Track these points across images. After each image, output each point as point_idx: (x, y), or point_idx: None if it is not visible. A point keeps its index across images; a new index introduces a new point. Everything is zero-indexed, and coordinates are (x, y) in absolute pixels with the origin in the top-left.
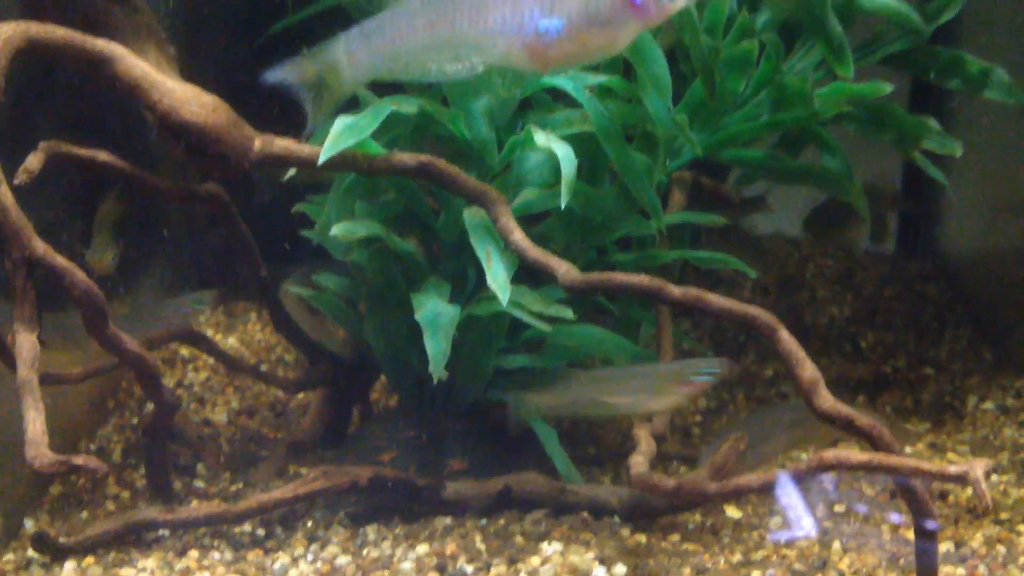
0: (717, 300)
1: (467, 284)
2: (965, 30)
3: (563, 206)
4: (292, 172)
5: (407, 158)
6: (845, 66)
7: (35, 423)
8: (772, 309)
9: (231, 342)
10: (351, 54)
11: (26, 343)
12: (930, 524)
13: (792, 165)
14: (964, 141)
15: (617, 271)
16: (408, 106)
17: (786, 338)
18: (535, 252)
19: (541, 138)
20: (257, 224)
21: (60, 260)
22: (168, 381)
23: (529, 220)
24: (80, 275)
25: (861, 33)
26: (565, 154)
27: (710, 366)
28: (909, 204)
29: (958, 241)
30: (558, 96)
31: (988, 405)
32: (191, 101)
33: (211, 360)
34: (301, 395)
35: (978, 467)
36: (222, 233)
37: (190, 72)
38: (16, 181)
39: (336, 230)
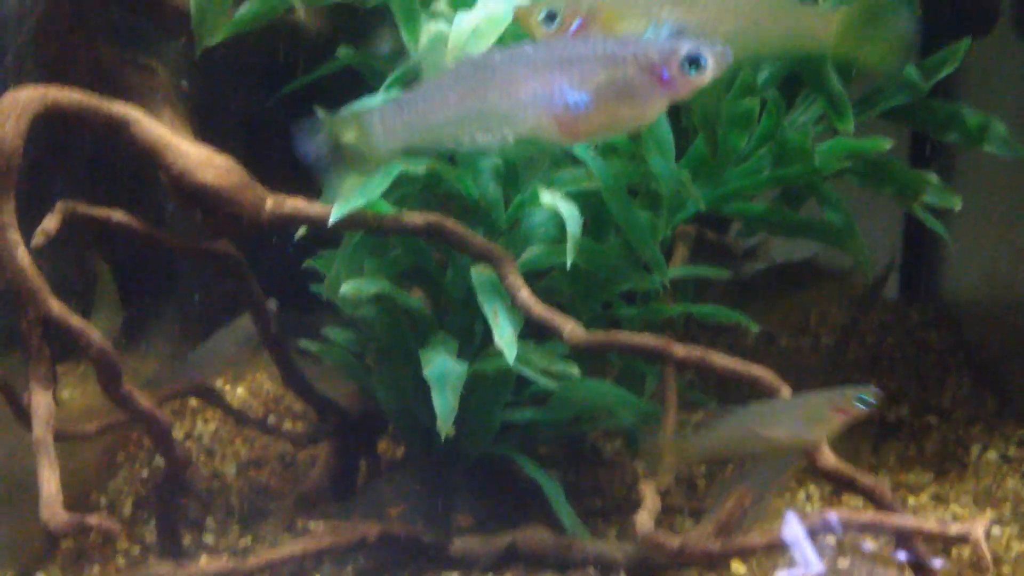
0: (721, 360)
1: (474, 339)
2: (963, 82)
3: (569, 265)
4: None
5: (416, 218)
6: (846, 121)
7: (50, 483)
8: (776, 356)
9: (240, 392)
10: (386, 125)
11: (42, 402)
12: None
13: (794, 219)
14: (964, 188)
15: (622, 328)
16: (417, 167)
17: None
18: (541, 310)
19: (547, 197)
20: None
21: (75, 320)
22: (177, 432)
23: (535, 274)
24: (95, 334)
25: (861, 87)
26: (571, 214)
27: (865, 394)
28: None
29: (959, 288)
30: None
31: (991, 455)
32: (205, 163)
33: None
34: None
35: (979, 526)
36: (230, 286)
37: (205, 128)
38: (33, 244)
39: (346, 289)
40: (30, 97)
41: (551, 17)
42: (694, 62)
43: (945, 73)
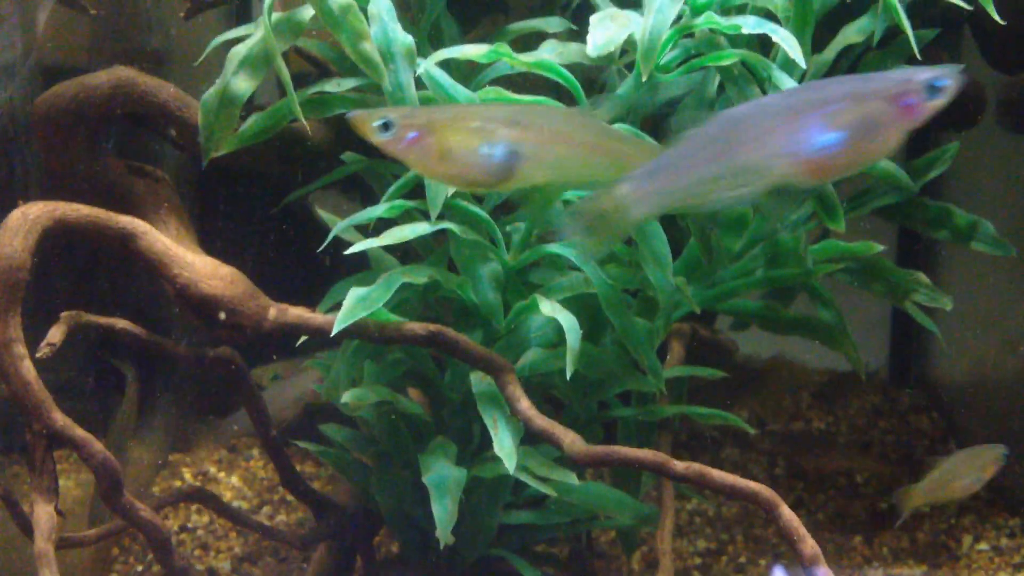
0: (720, 476)
1: (472, 440)
2: (952, 179)
3: (569, 375)
4: None
5: (417, 328)
6: (837, 222)
7: None
8: (767, 440)
9: (234, 481)
10: (637, 193)
11: (44, 514)
12: None
13: (786, 317)
14: (952, 275)
15: (619, 429)
16: (418, 277)
17: (787, 514)
18: (541, 422)
19: (547, 307)
20: None
21: (79, 432)
22: (172, 524)
23: (533, 377)
24: (97, 446)
25: (852, 185)
26: (571, 325)
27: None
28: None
29: (949, 373)
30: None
31: (982, 546)
32: (210, 274)
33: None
34: None
35: None
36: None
37: (210, 234)
38: (38, 355)
39: (347, 397)
40: (39, 213)
41: (386, 126)
42: (935, 88)
43: (934, 174)
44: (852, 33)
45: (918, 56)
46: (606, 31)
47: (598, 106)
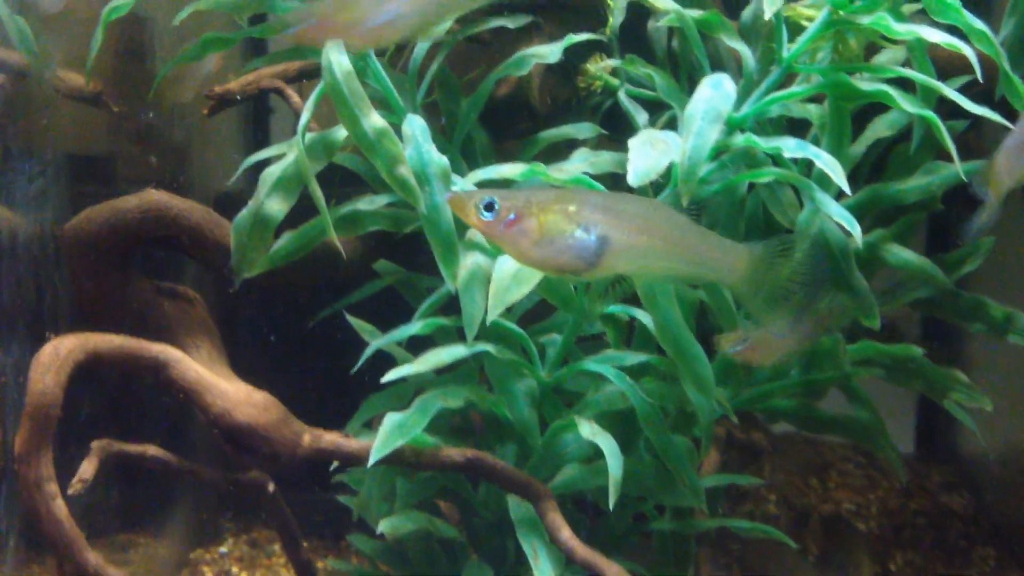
0: None
1: (507, 559)
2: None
3: (612, 505)
4: None
5: (455, 454)
6: (872, 318)
7: None
8: (796, 524)
9: None
10: (1009, 164)
11: None
12: None
13: (821, 416)
14: (980, 352)
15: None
16: (454, 400)
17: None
18: (584, 552)
19: (586, 430)
20: None
21: (112, 572)
22: None
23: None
24: None
25: (883, 279)
26: (611, 450)
27: None
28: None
29: (979, 448)
30: None
31: None
32: (243, 402)
33: None
34: None
35: None
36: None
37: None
38: (70, 491)
39: (384, 527)
40: (71, 347)
41: (489, 207)
42: None
43: (968, 269)
44: (882, 127)
45: (951, 149)
46: (646, 159)
47: None
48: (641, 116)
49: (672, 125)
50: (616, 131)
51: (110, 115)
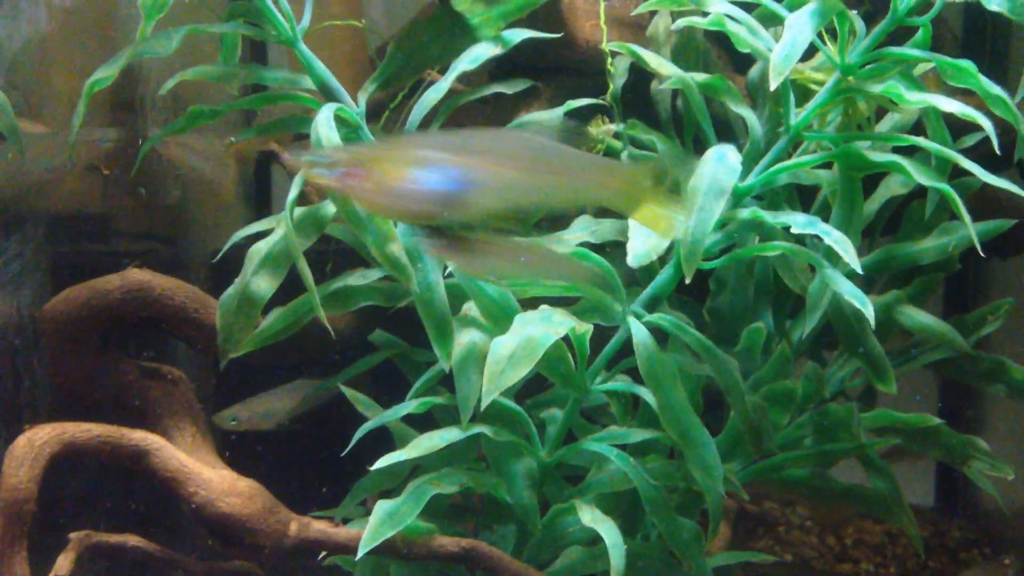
0: None
1: None
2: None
3: None
4: None
5: (449, 544)
6: (887, 383)
7: None
8: None
9: None
10: None
11: None
12: None
13: (837, 486)
14: (999, 400)
15: None
16: (449, 486)
17: None
18: None
19: (587, 516)
20: None
21: None
22: None
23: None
24: None
25: (899, 341)
26: (613, 539)
27: None
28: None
29: (998, 504)
30: None
31: None
32: (227, 491)
33: None
34: None
35: None
36: None
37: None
38: None
39: None
40: (46, 438)
41: (330, 165)
42: None
43: (987, 331)
44: (895, 185)
45: (965, 219)
46: (647, 240)
47: None
48: None
49: (677, 188)
50: None
51: (102, 177)
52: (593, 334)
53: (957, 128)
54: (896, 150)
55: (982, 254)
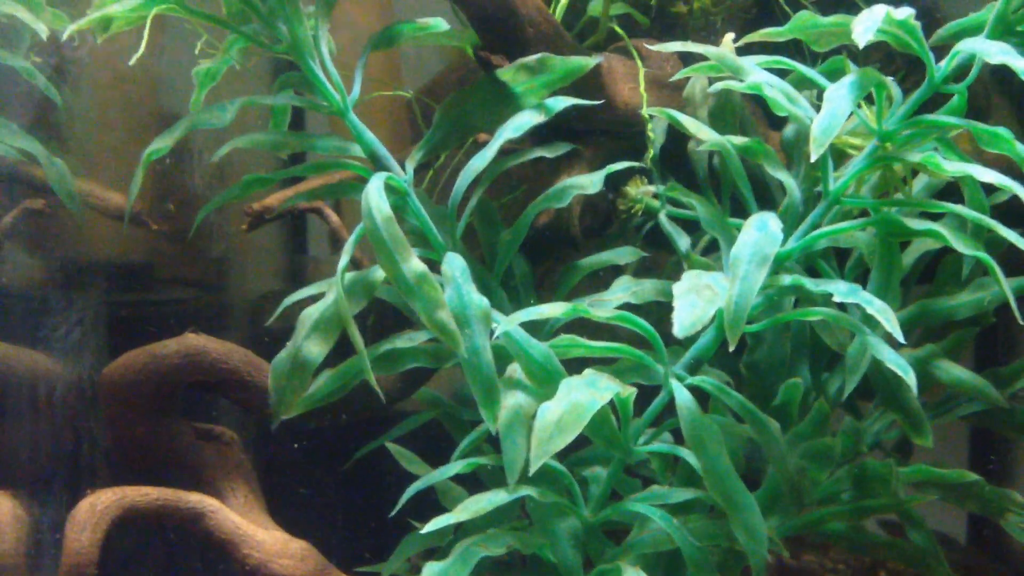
0: None
1: None
2: None
3: None
4: None
5: None
6: (924, 437)
7: None
8: None
9: None
10: None
11: None
12: None
13: (876, 540)
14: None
15: None
16: (496, 548)
17: None
18: None
19: None
20: None
21: None
22: None
23: None
24: None
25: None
26: None
27: None
28: None
29: None
30: None
31: None
32: (280, 553)
33: None
34: None
35: None
36: None
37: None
38: None
39: None
40: (108, 503)
41: None
42: None
43: (1022, 384)
44: (930, 240)
45: (1003, 285)
46: (692, 310)
47: None
48: (683, 240)
49: (714, 246)
50: (658, 250)
51: (149, 231)
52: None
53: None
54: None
55: (1020, 317)
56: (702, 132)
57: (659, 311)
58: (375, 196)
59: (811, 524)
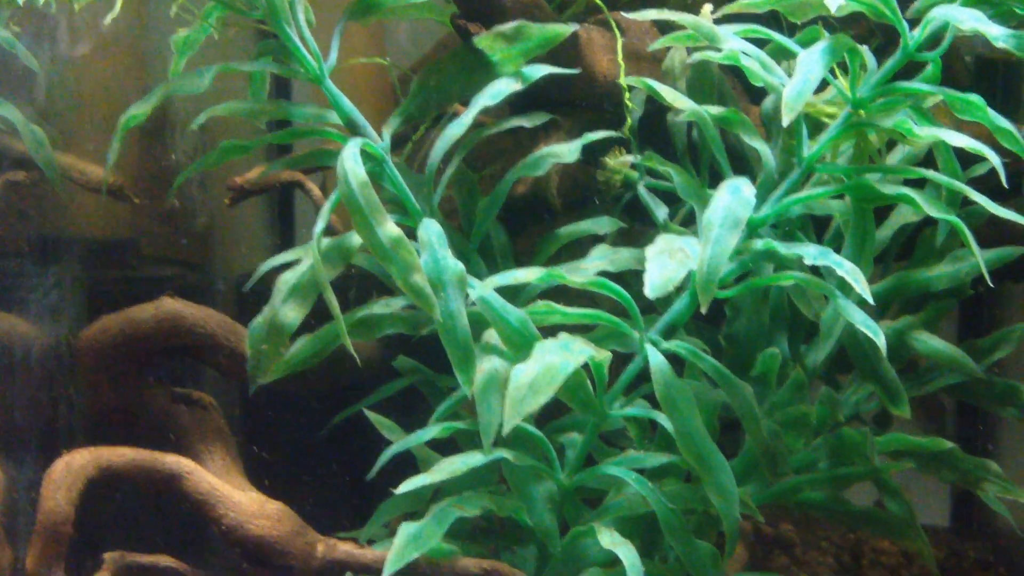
0: None
1: None
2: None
3: None
4: None
5: (471, 565)
6: (901, 407)
7: None
8: None
9: None
10: None
11: None
12: None
13: (852, 510)
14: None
15: None
16: (472, 509)
17: None
18: None
19: (606, 539)
20: None
21: None
22: None
23: None
24: None
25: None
26: (631, 562)
27: None
28: None
29: (1014, 524)
30: None
31: None
32: (256, 514)
33: None
34: None
35: None
36: None
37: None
38: None
39: None
40: (84, 463)
41: None
42: None
43: (999, 356)
44: (908, 213)
45: (974, 250)
46: (664, 271)
47: None
48: (661, 211)
49: (693, 217)
50: (636, 219)
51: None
52: (612, 360)
53: (967, 158)
54: (908, 180)
55: (990, 283)
56: (679, 101)
57: (637, 283)
58: (350, 161)
59: (787, 492)
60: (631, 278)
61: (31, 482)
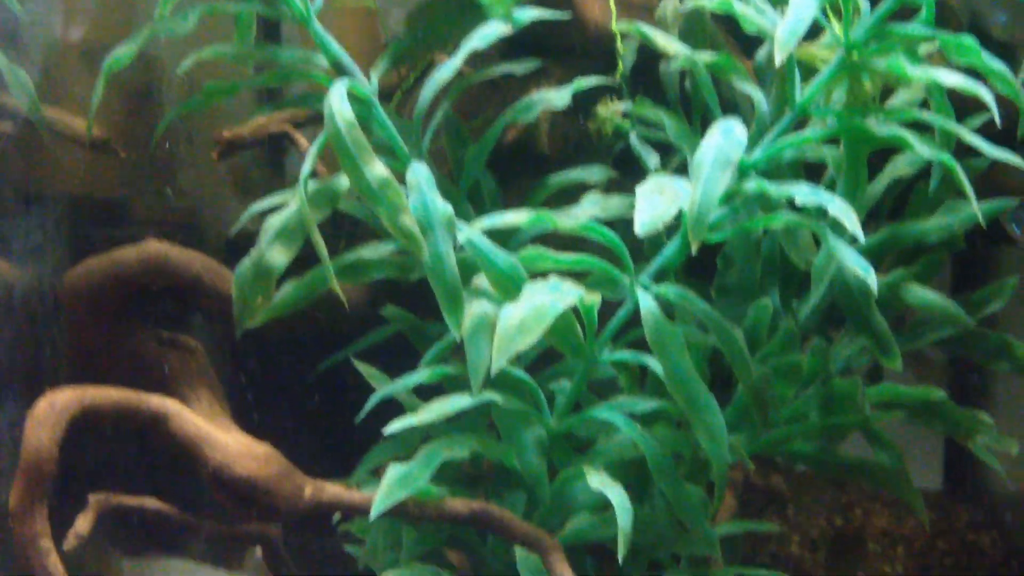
0: None
1: None
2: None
3: (621, 557)
4: None
5: (459, 506)
6: (892, 359)
7: None
8: (822, 566)
9: None
10: None
11: None
12: None
13: (843, 461)
14: (1010, 381)
15: None
16: (460, 451)
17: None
18: None
19: (595, 480)
20: None
21: None
22: None
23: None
24: None
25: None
26: (621, 503)
27: None
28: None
29: (1007, 486)
30: None
31: None
32: (243, 454)
33: None
34: None
35: None
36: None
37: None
38: (66, 547)
39: None
40: (67, 402)
41: None
42: None
43: (992, 309)
44: (902, 165)
45: (969, 193)
46: (654, 208)
47: None
48: (652, 159)
49: (685, 167)
50: (628, 173)
51: (119, 159)
52: (602, 309)
53: (961, 111)
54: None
55: (983, 222)
56: (672, 47)
57: (629, 233)
58: (337, 101)
59: (778, 442)
60: (622, 230)
61: (13, 422)
